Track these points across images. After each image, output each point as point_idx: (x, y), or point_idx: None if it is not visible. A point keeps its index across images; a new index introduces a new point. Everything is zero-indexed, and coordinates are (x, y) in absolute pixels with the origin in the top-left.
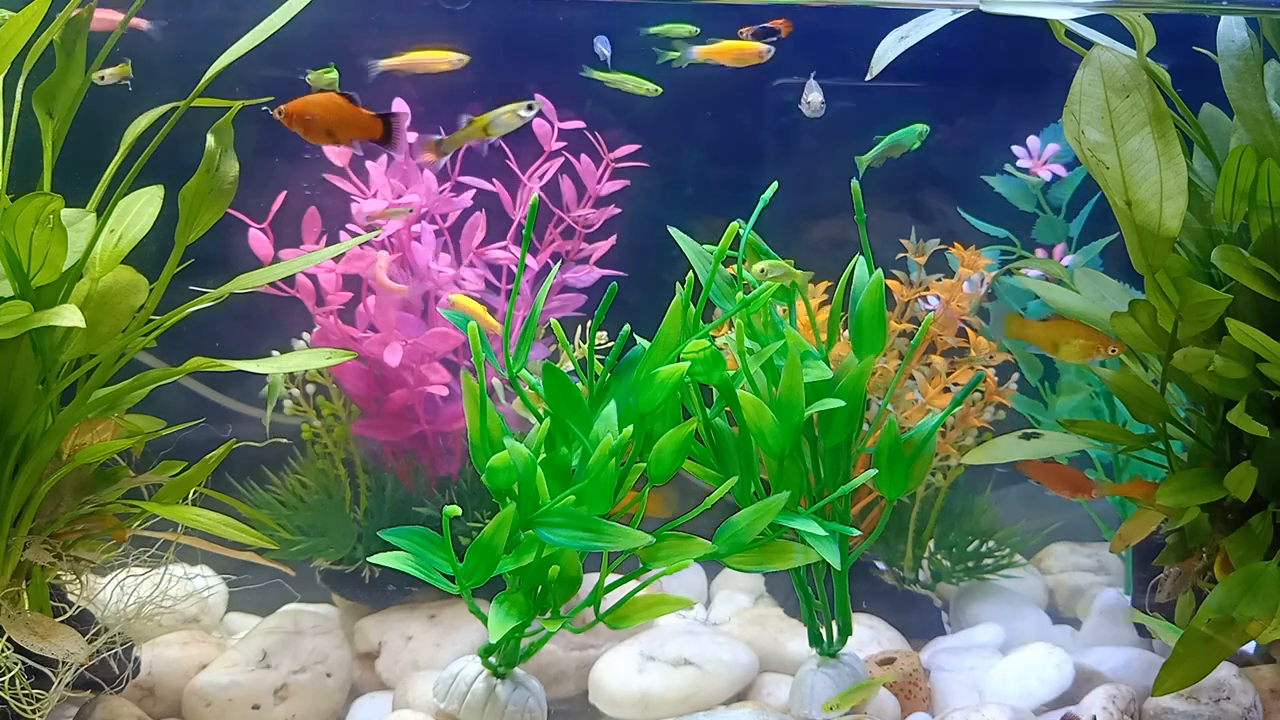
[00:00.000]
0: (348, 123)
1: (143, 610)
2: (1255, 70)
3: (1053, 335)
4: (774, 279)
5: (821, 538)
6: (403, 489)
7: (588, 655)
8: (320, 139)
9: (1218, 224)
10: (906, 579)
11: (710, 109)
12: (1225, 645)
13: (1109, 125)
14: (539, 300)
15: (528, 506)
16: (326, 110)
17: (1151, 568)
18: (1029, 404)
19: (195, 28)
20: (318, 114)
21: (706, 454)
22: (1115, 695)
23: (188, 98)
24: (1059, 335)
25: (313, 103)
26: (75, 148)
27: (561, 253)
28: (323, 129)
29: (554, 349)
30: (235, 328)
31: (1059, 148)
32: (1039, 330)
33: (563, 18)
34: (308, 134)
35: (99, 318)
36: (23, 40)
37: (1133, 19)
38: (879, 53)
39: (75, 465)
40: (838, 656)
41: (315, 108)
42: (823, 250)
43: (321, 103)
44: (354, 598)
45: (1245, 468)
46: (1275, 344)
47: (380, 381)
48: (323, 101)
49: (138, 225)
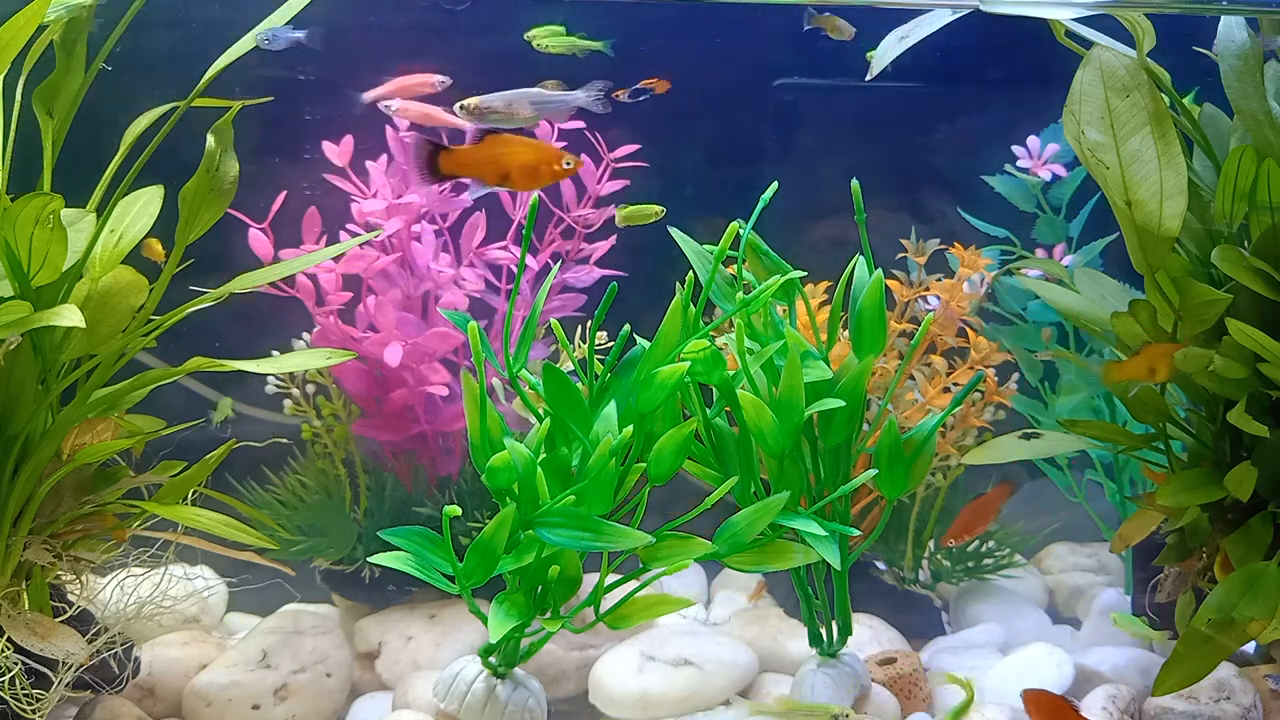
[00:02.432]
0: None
1: (143, 610)
2: (1255, 70)
3: (1148, 363)
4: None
5: (821, 538)
6: (403, 489)
7: (588, 655)
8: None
9: (1218, 224)
10: (906, 579)
11: (710, 109)
12: (1225, 645)
13: (1109, 125)
14: (539, 300)
15: (528, 506)
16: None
17: (1151, 568)
18: (1029, 404)
19: (195, 28)
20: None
21: (706, 454)
22: (1115, 695)
23: (188, 98)
24: (1153, 360)
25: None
26: (75, 148)
27: (561, 253)
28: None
29: (554, 349)
30: (235, 328)
31: (1059, 148)
32: (1136, 365)
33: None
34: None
35: (99, 318)
36: (23, 40)
37: (1133, 19)
38: (879, 53)
39: (75, 465)
40: (838, 656)
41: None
42: (823, 250)
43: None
44: (354, 598)
45: (1245, 468)
46: (1275, 344)
47: (380, 381)
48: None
49: (138, 225)
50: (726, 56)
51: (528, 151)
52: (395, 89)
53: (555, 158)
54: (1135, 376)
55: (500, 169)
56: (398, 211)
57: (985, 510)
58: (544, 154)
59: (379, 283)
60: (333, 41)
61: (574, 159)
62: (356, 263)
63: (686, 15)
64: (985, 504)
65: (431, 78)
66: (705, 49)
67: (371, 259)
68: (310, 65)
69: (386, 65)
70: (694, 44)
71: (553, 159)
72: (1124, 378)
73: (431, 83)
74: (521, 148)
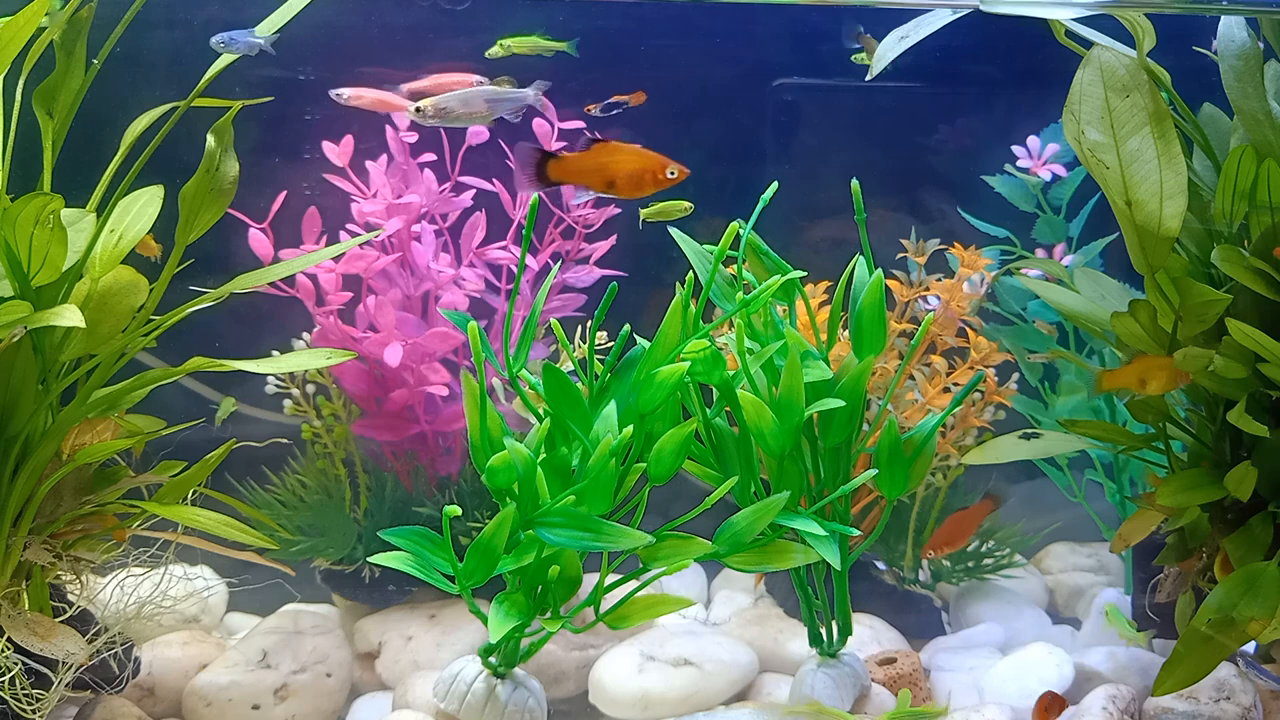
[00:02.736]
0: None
1: (143, 610)
2: (1255, 70)
3: (1139, 374)
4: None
5: (821, 538)
6: (403, 489)
7: (588, 655)
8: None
9: (1218, 224)
10: (906, 579)
11: (710, 109)
12: (1225, 645)
13: (1109, 125)
14: (539, 300)
15: (528, 506)
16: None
17: (1151, 568)
18: (1029, 404)
19: (195, 28)
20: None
21: (706, 454)
22: (1115, 695)
23: (188, 98)
24: (1144, 372)
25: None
26: (75, 148)
27: (561, 253)
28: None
29: (554, 349)
30: (235, 328)
31: (1059, 148)
32: (1127, 374)
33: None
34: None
35: (99, 318)
36: (23, 40)
37: (1133, 19)
38: (879, 53)
39: (75, 465)
40: (837, 656)
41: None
42: (823, 250)
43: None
44: (354, 598)
45: (1245, 468)
46: (1275, 344)
47: (380, 381)
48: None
49: (138, 225)
50: (726, 56)
51: (634, 159)
52: (432, 85)
53: (661, 166)
54: (1126, 386)
55: (606, 176)
56: (398, 211)
57: (967, 524)
58: (649, 162)
59: (379, 283)
60: (332, 41)
61: (679, 167)
62: (356, 263)
63: (687, 15)
64: (967, 518)
65: (470, 76)
66: (705, 49)
67: (371, 259)
68: (310, 65)
69: (387, 65)
70: (693, 44)
71: (658, 167)
72: (1115, 387)
73: (470, 82)
74: (628, 156)
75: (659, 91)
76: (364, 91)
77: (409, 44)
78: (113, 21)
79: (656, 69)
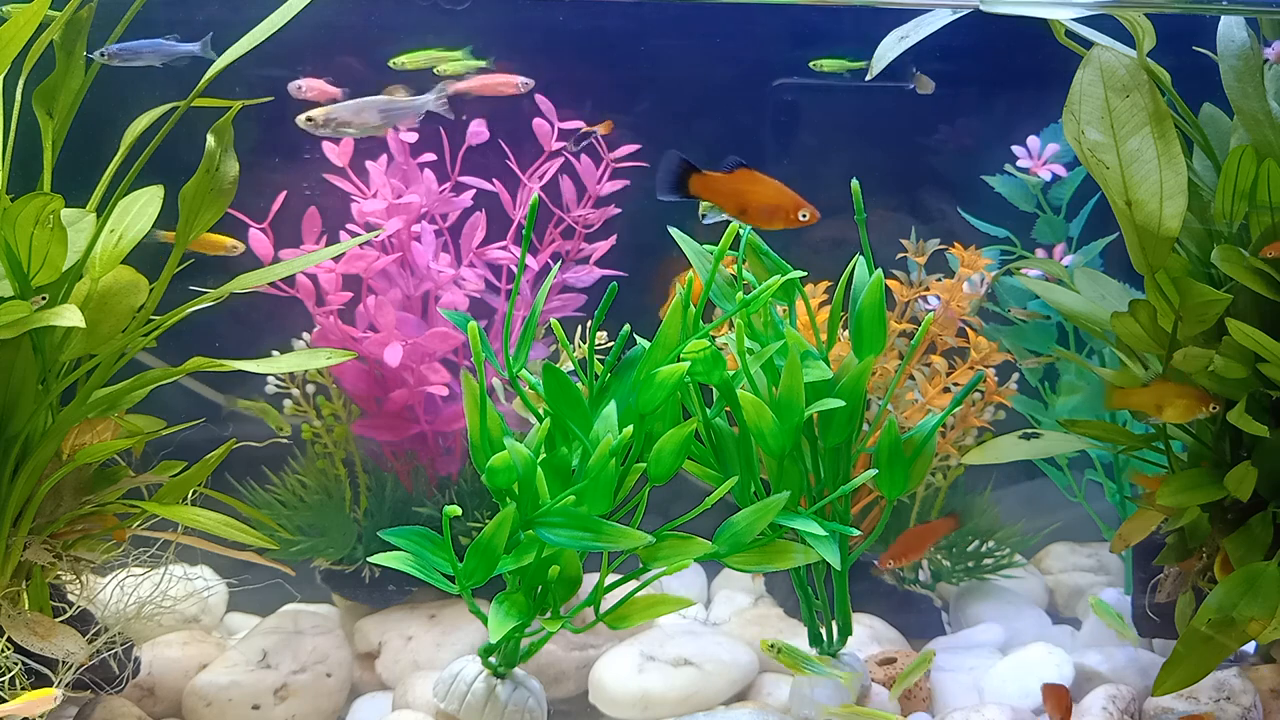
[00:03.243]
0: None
1: (143, 610)
2: (1255, 70)
3: (1156, 398)
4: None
5: (821, 538)
6: (403, 489)
7: (588, 655)
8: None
9: (1218, 224)
10: (906, 579)
11: (710, 109)
12: (1225, 645)
13: (1109, 125)
14: (539, 300)
15: (528, 506)
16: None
17: (1151, 568)
18: (1029, 404)
19: (195, 28)
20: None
21: (706, 454)
22: (1115, 695)
23: (188, 98)
24: (1162, 397)
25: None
26: (75, 148)
27: (561, 253)
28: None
29: (554, 349)
30: (235, 328)
31: (1059, 148)
32: (1143, 396)
33: (562, 17)
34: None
35: (99, 318)
36: (23, 40)
37: (1133, 19)
38: (879, 53)
39: (75, 465)
40: (837, 656)
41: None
42: (823, 250)
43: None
44: (354, 598)
45: (1245, 468)
46: (1275, 344)
47: (380, 381)
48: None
49: (138, 225)
50: (726, 56)
51: (772, 194)
52: (478, 85)
53: (795, 205)
54: (1141, 409)
55: (741, 202)
56: (398, 211)
57: (925, 538)
58: (785, 200)
59: (379, 283)
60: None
61: (811, 211)
62: (356, 263)
63: (687, 15)
64: (925, 532)
65: (515, 78)
66: (705, 49)
67: (371, 259)
68: (310, 65)
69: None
70: (694, 44)
71: (792, 206)
72: (1128, 407)
73: (515, 83)
74: (767, 189)
75: (659, 91)
76: (317, 85)
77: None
78: (113, 22)
79: (656, 68)
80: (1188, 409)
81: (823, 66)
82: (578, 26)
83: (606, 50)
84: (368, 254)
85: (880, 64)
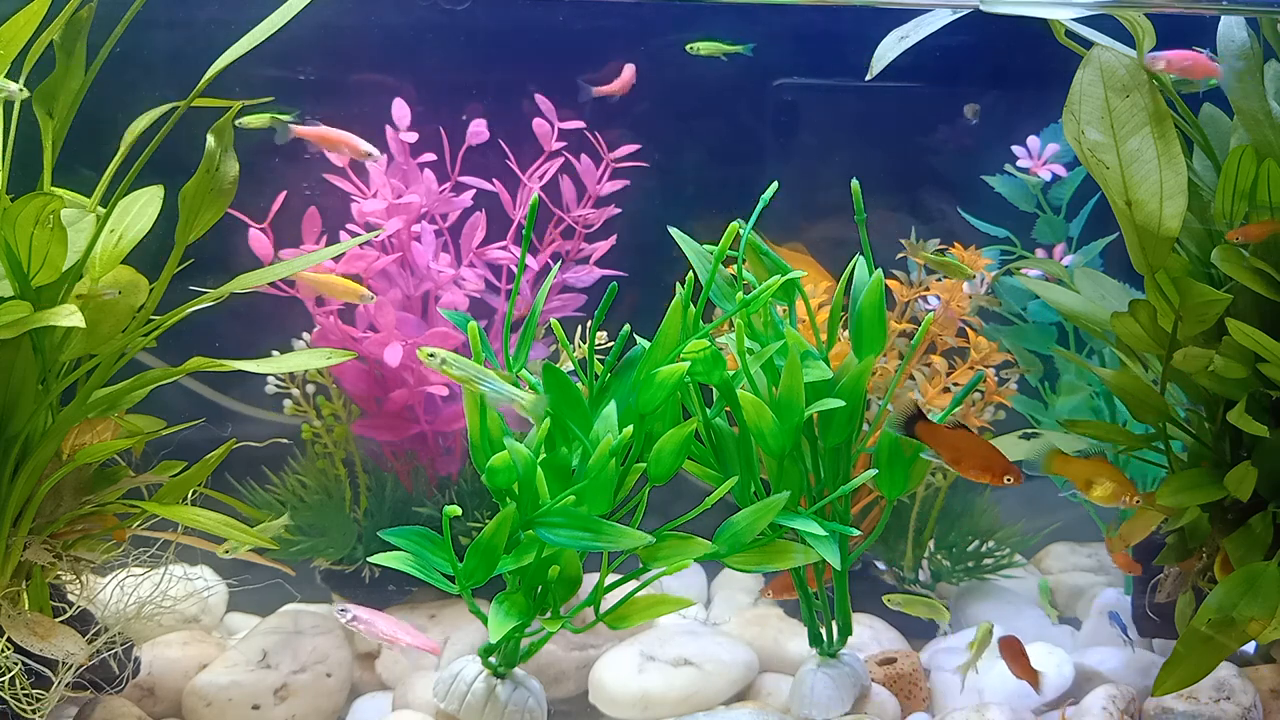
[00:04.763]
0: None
1: (143, 610)
2: (1255, 70)
3: (1090, 473)
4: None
5: (821, 538)
6: (403, 489)
7: (588, 655)
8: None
9: (1218, 224)
10: (906, 579)
11: (710, 109)
12: (1225, 645)
13: (1109, 125)
14: (539, 300)
15: (528, 506)
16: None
17: (1151, 568)
18: (1029, 404)
19: (195, 28)
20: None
21: (706, 454)
22: (1115, 695)
23: (188, 98)
24: (1095, 473)
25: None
26: (75, 148)
27: (561, 253)
28: None
29: (554, 349)
30: (235, 328)
31: (1059, 148)
32: (1079, 467)
33: (562, 17)
34: None
35: (99, 318)
36: (23, 40)
37: (1133, 19)
38: (879, 53)
39: (75, 465)
40: (837, 656)
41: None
42: (823, 250)
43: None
44: (354, 598)
45: (1245, 468)
46: (1275, 344)
47: (380, 381)
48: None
49: (138, 225)
50: (726, 56)
51: (986, 455)
52: (619, 86)
53: (1003, 470)
54: (1072, 478)
55: (958, 455)
56: (398, 211)
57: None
58: (996, 465)
59: (379, 283)
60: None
61: (1017, 474)
62: (356, 263)
63: (687, 15)
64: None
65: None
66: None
67: (371, 259)
68: (310, 65)
69: (387, 64)
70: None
71: (1000, 470)
72: (1062, 472)
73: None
74: (983, 450)
75: (660, 91)
76: (317, 130)
77: (409, 44)
78: (113, 21)
79: (657, 68)
80: (1114, 494)
81: (699, 50)
82: (577, 27)
83: (606, 50)
84: (368, 254)
85: (880, 64)
